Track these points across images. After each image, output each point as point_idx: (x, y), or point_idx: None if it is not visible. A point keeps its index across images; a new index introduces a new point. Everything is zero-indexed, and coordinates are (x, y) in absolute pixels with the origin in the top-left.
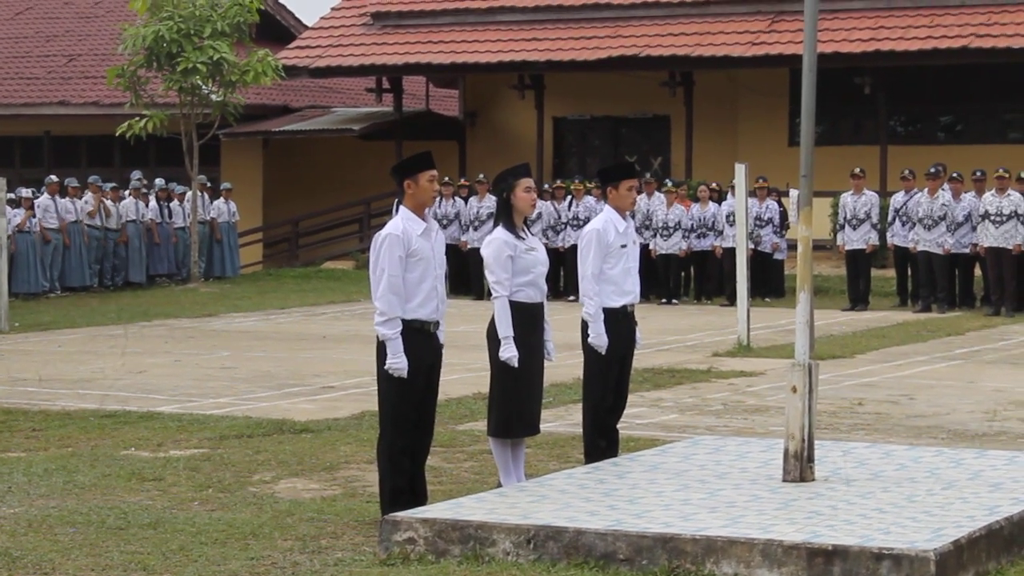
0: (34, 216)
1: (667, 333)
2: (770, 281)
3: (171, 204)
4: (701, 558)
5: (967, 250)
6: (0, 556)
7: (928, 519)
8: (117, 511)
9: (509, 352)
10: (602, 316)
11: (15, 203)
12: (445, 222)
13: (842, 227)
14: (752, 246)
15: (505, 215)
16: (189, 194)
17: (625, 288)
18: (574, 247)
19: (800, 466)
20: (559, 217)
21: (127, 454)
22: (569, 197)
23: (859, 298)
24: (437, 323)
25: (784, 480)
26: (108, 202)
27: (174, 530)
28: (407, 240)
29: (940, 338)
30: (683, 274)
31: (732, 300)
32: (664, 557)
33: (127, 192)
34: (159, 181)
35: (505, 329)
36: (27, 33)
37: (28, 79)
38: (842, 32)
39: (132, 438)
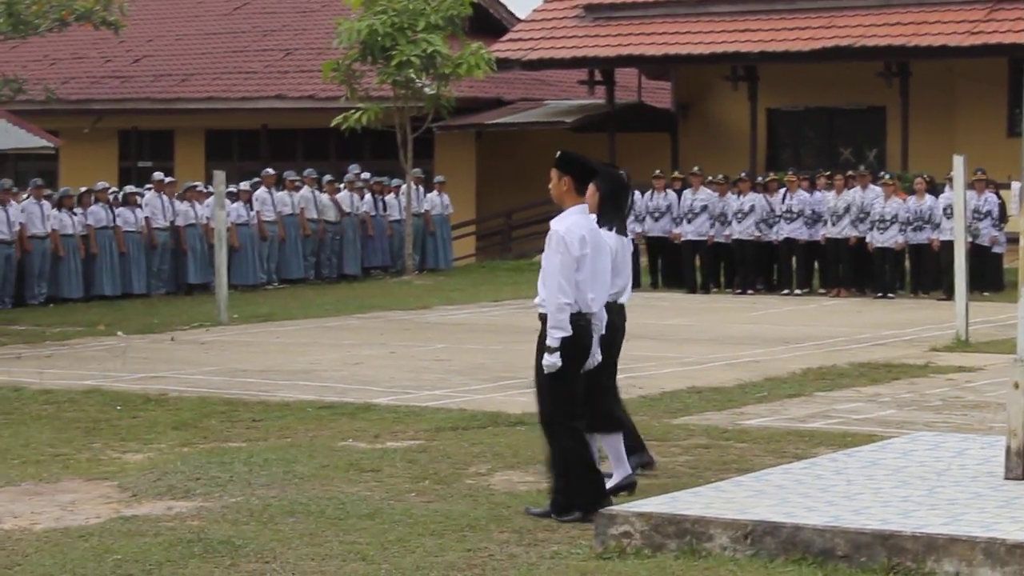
0: (251, 208)
1: (883, 327)
2: (988, 275)
3: (386, 197)
4: (922, 556)
5: None
6: (223, 545)
7: None
8: (335, 501)
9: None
10: None
11: (234, 196)
12: (657, 215)
13: None
14: (970, 239)
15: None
16: (403, 187)
17: None
18: (788, 240)
19: (1023, 464)
20: (772, 210)
21: (345, 445)
22: (783, 189)
23: None
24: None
25: (1006, 478)
26: (321, 195)
27: (392, 521)
28: (580, 240)
29: None
30: (899, 268)
31: (949, 294)
32: (884, 554)
33: (342, 185)
34: (366, 175)
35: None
36: (245, 28)
37: (246, 73)
38: None
39: (349, 429)
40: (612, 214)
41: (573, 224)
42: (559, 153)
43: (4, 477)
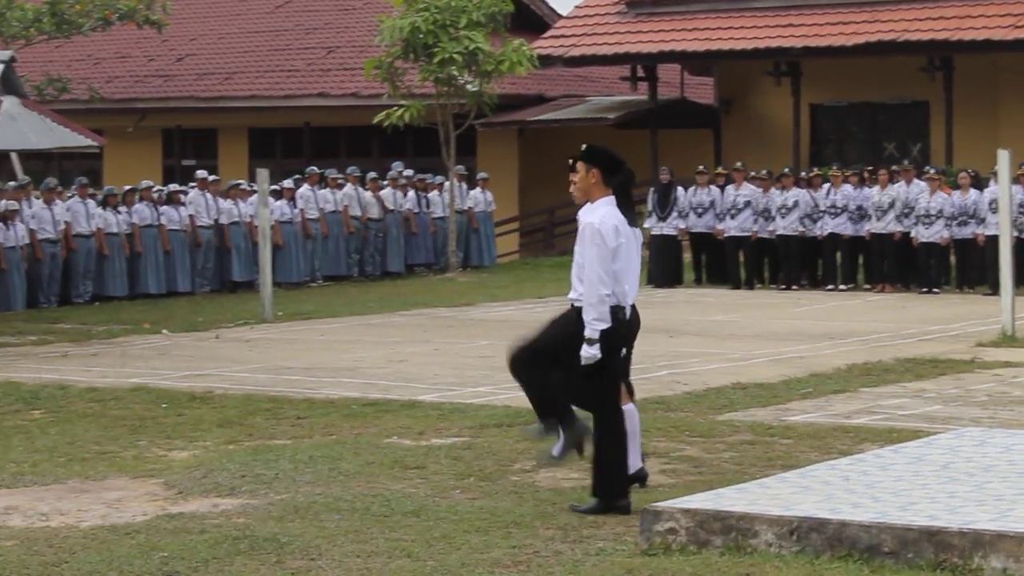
0: (295, 206)
1: (929, 322)
2: None
3: (429, 194)
4: (969, 552)
5: None
6: (268, 542)
7: None
8: (381, 498)
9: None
10: None
11: (277, 194)
12: (700, 210)
13: None
14: (1016, 233)
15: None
16: (446, 184)
17: None
18: (832, 235)
19: None
20: (816, 205)
21: (389, 442)
22: (827, 185)
23: None
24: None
25: None
26: (365, 192)
27: (437, 518)
28: (614, 230)
29: None
30: (944, 263)
31: (995, 289)
32: (930, 550)
33: (385, 182)
34: (409, 172)
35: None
36: (287, 26)
37: (288, 71)
38: None
39: (394, 426)
40: (623, 206)
41: (605, 215)
42: (585, 146)
43: (51, 475)
